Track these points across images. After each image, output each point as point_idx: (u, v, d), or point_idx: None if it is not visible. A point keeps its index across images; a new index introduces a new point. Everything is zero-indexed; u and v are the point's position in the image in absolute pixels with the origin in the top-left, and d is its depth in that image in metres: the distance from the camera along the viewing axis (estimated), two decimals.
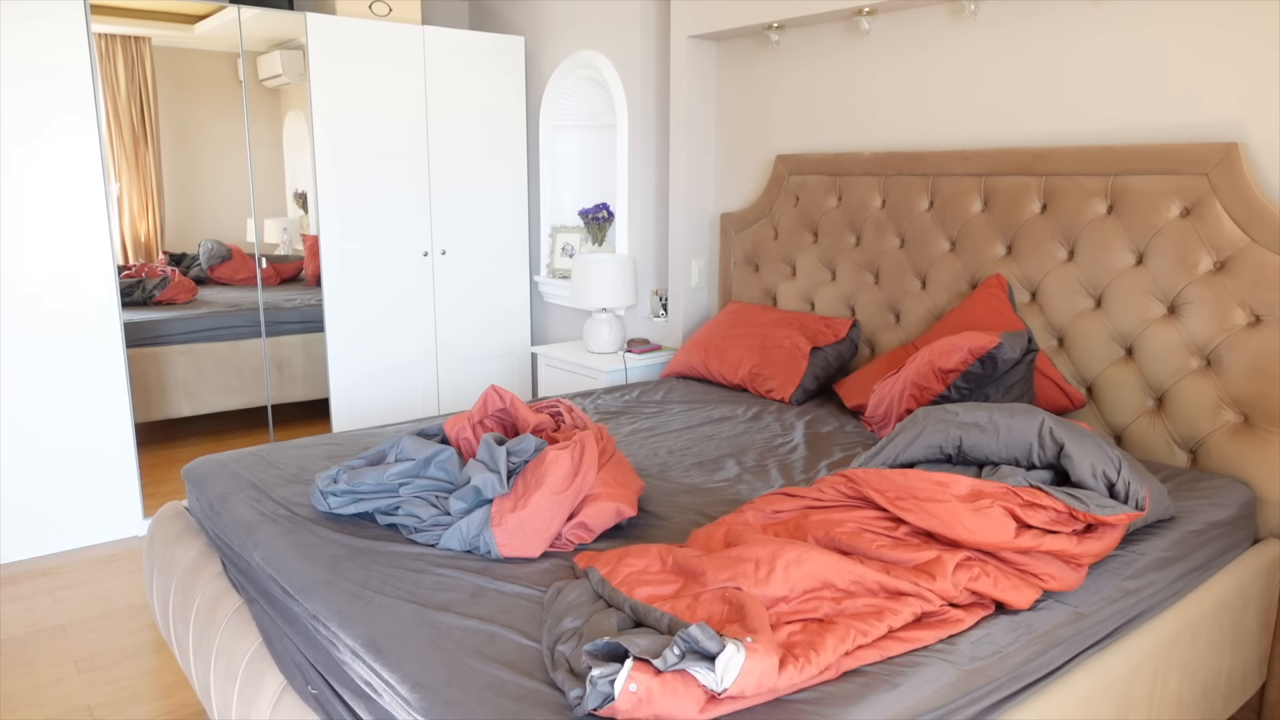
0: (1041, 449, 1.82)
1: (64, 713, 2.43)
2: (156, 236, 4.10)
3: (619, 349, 3.88)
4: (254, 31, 3.82)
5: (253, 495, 2.09)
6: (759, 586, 1.47)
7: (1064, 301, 2.57)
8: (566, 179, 4.64)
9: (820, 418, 2.81)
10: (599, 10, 4.11)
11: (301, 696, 1.65)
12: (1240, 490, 2.16)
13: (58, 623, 2.91)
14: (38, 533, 3.40)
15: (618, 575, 1.58)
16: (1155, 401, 2.41)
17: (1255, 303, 2.19)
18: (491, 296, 4.62)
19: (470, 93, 4.38)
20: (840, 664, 1.35)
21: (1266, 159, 2.20)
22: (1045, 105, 2.62)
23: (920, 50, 2.93)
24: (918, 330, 2.97)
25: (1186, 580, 1.90)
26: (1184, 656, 1.88)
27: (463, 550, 1.80)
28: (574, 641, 1.38)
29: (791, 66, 3.36)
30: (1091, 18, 2.49)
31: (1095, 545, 1.66)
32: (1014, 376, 2.36)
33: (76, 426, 3.41)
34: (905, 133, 3.02)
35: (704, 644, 1.23)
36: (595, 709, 1.23)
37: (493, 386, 2.13)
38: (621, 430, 2.70)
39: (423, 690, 1.33)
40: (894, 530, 1.69)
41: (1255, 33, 2.19)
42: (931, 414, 1.97)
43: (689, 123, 3.64)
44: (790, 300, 3.43)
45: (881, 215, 3.06)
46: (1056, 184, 2.56)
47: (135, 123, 3.97)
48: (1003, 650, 1.47)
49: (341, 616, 1.57)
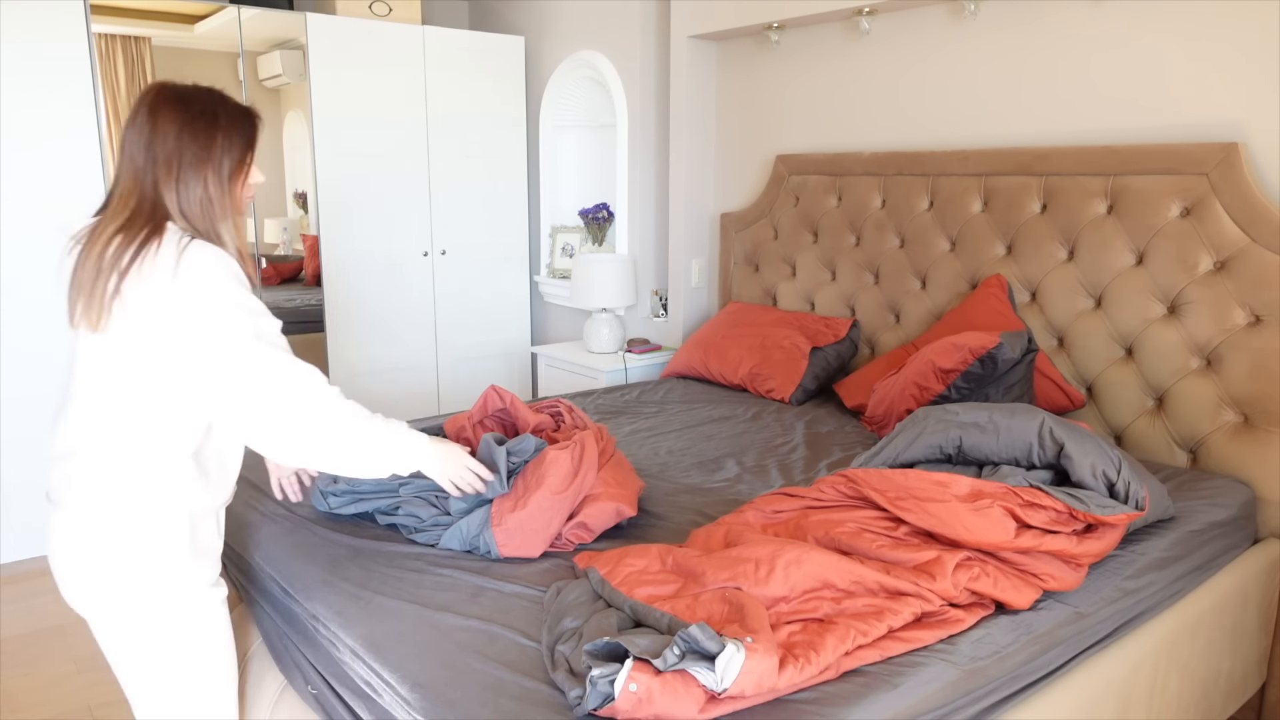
0: (1041, 449, 1.82)
1: (64, 713, 2.43)
2: None
3: (619, 349, 3.88)
4: (254, 31, 3.82)
5: (252, 495, 2.09)
6: (759, 586, 1.47)
7: (1064, 301, 2.57)
8: (566, 179, 4.64)
9: (820, 418, 2.81)
10: (599, 10, 4.11)
11: (301, 696, 1.65)
12: (1240, 490, 2.16)
13: (58, 623, 2.91)
14: (38, 533, 3.40)
15: (618, 575, 1.58)
16: (1155, 401, 2.41)
17: (1255, 303, 2.19)
18: (491, 296, 4.62)
19: (470, 93, 4.38)
20: (840, 664, 1.35)
21: (1266, 159, 2.20)
22: (1045, 105, 2.62)
23: (920, 50, 2.93)
24: (918, 330, 2.97)
25: (1186, 580, 1.90)
26: (1184, 656, 1.88)
27: (463, 550, 1.80)
28: (574, 641, 1.38)
29: (791, 66, 3.35)
30: (1091, 18, 2.49)
31: (1095, 545, 1.66)
32: (1014, 376, 2.36)
33: None
34: (905, 133, 3.02)
35: (704, 644, 1.23)
36: (595, 709, 1.23)
37: (492, 386, 2.13)
38: (621, 430, 2.70)
39: (423, 690, 1.33)
40: (894, 530, 1.69)
41: (1255, 33, 2.19)
42: (931, 414, 1.97)
43: (689, 123, 3.64)
44: (790, 300, 3.43)
45: (881, 215, 3.06)
46: (1056, 184, 2.56)
47: None
48: (1003, 650, 1.47)
49: (341, 616, 1.57)
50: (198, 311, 1.36)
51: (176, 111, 1.44)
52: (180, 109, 1.44)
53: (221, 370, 1.38)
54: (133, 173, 1.44)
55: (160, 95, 1.45)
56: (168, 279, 1.36)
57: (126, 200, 1.42)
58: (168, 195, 1.42)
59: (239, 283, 1.41)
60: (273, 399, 1.40)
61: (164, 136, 1.42)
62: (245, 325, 1.39)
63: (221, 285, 1.39)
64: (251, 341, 1.39)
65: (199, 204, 1.43)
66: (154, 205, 1.42)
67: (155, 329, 1.37)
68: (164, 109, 1.44)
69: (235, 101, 1.53)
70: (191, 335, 1.37)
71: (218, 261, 1.40)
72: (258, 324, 1.41)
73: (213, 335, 1.37)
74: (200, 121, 1.45)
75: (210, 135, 1.45)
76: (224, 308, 1.38)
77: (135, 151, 1.43)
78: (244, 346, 1.38)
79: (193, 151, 1.43)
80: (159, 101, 1.44)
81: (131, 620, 1.45)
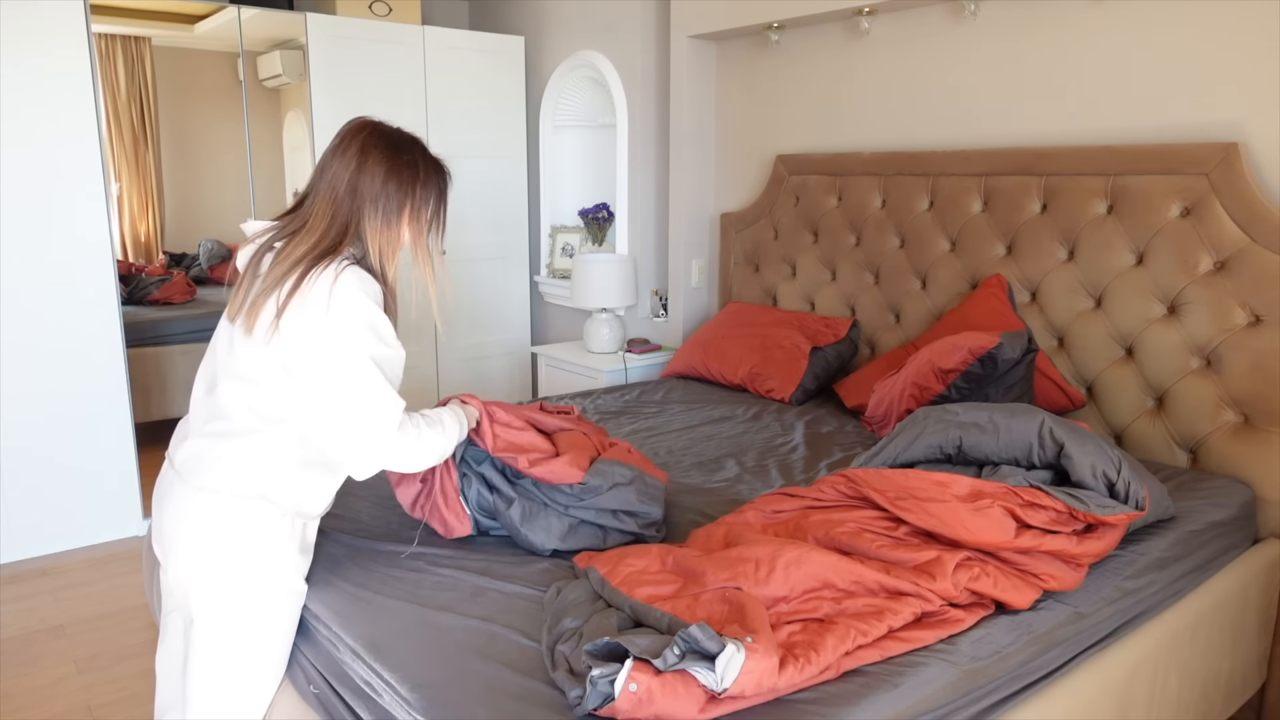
0: (1041, 449, 1.82)
1: (64, 713, 2.43)
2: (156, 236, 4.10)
3: (619, 349, 3.88)
4: (254, 31, 3.82)
5: None
6: (759, 586, 1.47)
7: (1064, 301, 2.57)
8: (566, 179, 4.64)
9: (820, 418, 2.81)
10: (599, 10, 4.11)
11: (302, 696, 1.65)
12: (1240, 490, 2.16)
13: (58, 623, 2.91)
14: (38, 533, 3.40)
15: (618, 575, 1.58)
16: (1155, 401, 2.41)
17: (1255, 303, 2.19)
18: (492, 296, 4.62)
19: (470, 93, 4.38)
20: (840, 664, 1.35)
21: (1266, 159, 2.20)
22: (1045, 105, 2.62)
23: (920, 50, 2.93)
24: (918, 330, 2.97)
25: (1186, 580, 1.90)
26: (1184, 656, 1.88)
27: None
28: (574, 641, 1.38)
29: (791, 66, 3.36)
30: (1091, 18, 2.49)
31: (1095, 545, 1.66)
32: (1014, 376, 2.36)
33: (77, 426, 3.41)
34: (905, 133, 3.02)
35: (704, 644, 1.23)
36: (595, 709, 1.23)
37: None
38: (621, 430, 2.70)
39: (423, 690, 1.33)
40: (894, 530, 1.69)
41: (1255, 32, 2.19)
42: (931, 414, 1.97)
43: (689, 123, 3.64)
44: (790, 300, 3.43)
45: (881, 215, 3.06)
46: (1056, 184, 2.56)
47: (135, 123, 3.97)
48: (1003, 650, 1.47)
49: (341, 617, 1.57)
50: (336, 325, 1.48)
51: (386, 156, 1.57)
52: (390, 154, 1.58)
53: (329, 376, 1.48)
54: (331, 199, 1.56)
55: (373, 135, 1.59)
56: (322, 311, 1.48)
57: (319, 223, 1.55)
58: (370, 230, 1.56)
59: (379, 308, 1.53)
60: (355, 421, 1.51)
61: (371, 177, 1.56)
62: (368, 344, 1.50)
63: (363, 306, 1.50)
64: (367, 361, 1.49)
65: (391, 244, 1.58)
66: (343, 232, 1.55)
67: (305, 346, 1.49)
68: (374, 151, 1.57)
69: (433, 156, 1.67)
70: (322, 342, 1.48)
71: (363, 287, 1.51)
72: (381, 352, 1.52)
73: (336, 344, 1.48)
74: (406, 171, 1.59)
75: (412, 184, 1.60)
76: (357, 325, 1.49)
77: (338, 181, 1.56)
78: (359, 364, 1.49)
79: (397, 198, 1.58)
80: (371, 142, 1.58)
81: (229, 598, 1.53)
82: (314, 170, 1.62)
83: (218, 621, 1.54)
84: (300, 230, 1.55)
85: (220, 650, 1.55)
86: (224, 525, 1.52)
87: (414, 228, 1.62)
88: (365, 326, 1.50)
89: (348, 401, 1.49)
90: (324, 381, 1.48)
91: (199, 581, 1.53)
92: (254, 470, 1.52)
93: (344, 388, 1.49)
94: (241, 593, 1.54)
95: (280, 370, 1.51)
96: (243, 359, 1.53)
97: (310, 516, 1.63)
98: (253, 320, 1.50)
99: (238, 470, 1.51)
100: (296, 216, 1.58)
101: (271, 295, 1.48)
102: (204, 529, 1.52)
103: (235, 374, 1.53)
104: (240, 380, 1.53)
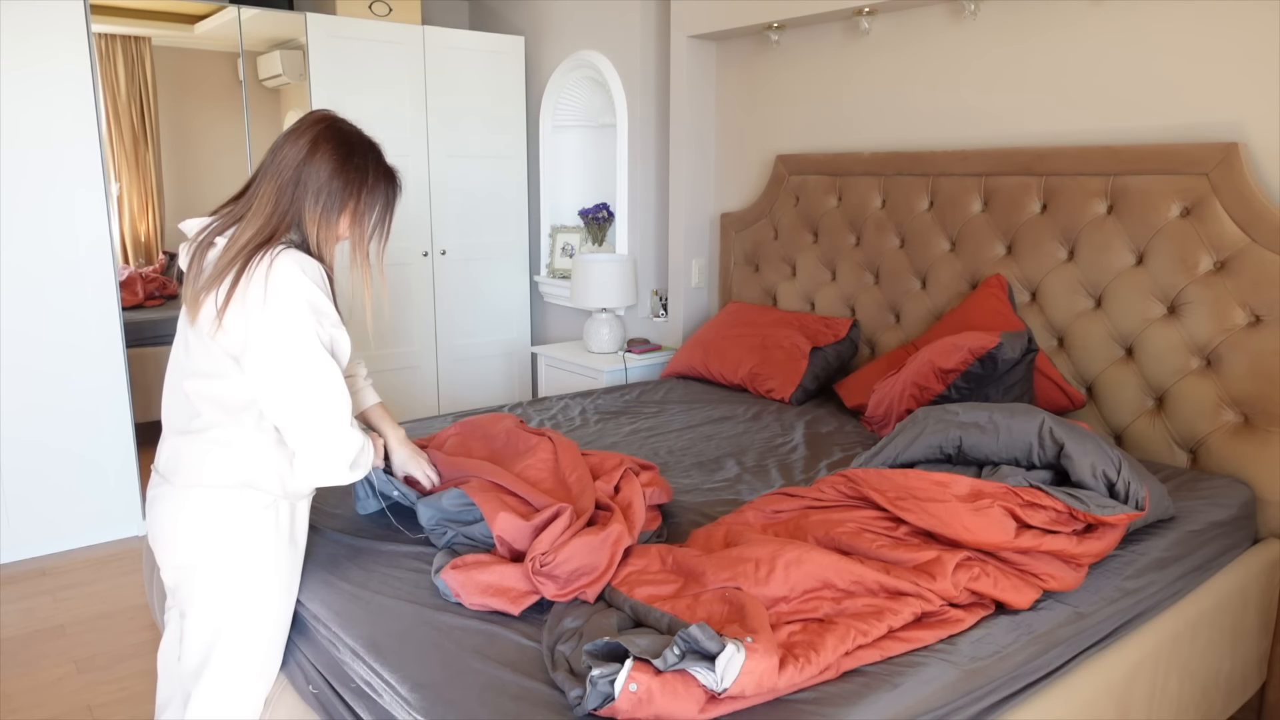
0: (1041, 449, 1.82)
1: (64, 713, 2.43)
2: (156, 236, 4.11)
3: (619, 349, 3.88)
4: (254, 31, 3.82)
5: None
6: (759, 586, 1.47)
7: (1064, 301, 2.57)
8: (566, 179, 4.64)
9: (820, 418, 2.81)
10: (599, 10, 4.11)
11: (302, 696, 1.65)
12: (1240, 490, 2.16)
13: (58, 623, 2.91)
14: (38, 533, 3.40)
15: (618, 575, 1.58)
16: (1155, 401, 2.41)
17: (1255, 303, 2.19)
18: (492, 296, 4.62)
19: (470, 93, 4.38)
20: (840, 664, 1.35)
21: (1266, 159, 2.20)
22: (1045, 105, 2.62)
23: (920, 50, 2.93)
24: (918, 330, 2.97)
25: (1186, 580, 1.90)
26: (1184, 656, 1.88)
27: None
28: (574, 641, 1.38)
29: (791, 66, 3.36)
30: (1091, 18, 2.49)
31: (1095, 545, 1.66)
32: (1014, 376, 2.36)
33: (77, 426, 3.41)
34: (905, 133, 3.02)
35: (704, 644, 1.23)
36: (595, 709, 1.23)
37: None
38: (622, 430, 2.70)
39: (423, 690, 1.34)
40: (894, 530, 1.69)
41: (1255, 33, 2.19)
42: (931, 414, 1.97)
43: (689, 123, 3.64)
44: (790, 300, 3.43)
45: (881, 215, 3.06)
46: (1056, 184, 2.56)
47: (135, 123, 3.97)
48: (1003, 650, 1.47)
49: (341, 617, 1.57)
50: (276, 312, 1.46)
51: (338, 153, 1.56)
52: (342, 152, 1.57)
53: (278, 364, 1.46)
54: (276, 184, 1.55)
55: (329, 129, 1.58)
56: (260, 300, 1.46)
57: (263, 207, 1.54)
58: (309, 221, 1.55)
59: (321, 290, 1.51)
60: (308, 410, 1.49)
61: (317, 170, 1.55)
62: (311, 325, 1.48)
63: (300, 286, 1.48)
64: (315, 344, 1.49)
65: (328, 239, 1.57)
66: (284, 219, 1.54)
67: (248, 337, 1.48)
68: (325, 145, 1.56)
69: (387, 164, 1.66)
70: (265, 331, 1.46)
71: (301, 266, 1.49)
72: (330, 333, 1.53)
73: (280, 331, 1.46)
74: (355, 173, 1.58)
75: (359, 187, 1.59)
76: (299, 306, 1.47)
77: (285, 166, 1.55)
78: (307, 349, 1.48)
79: (340, 197, 1.56)
80: (325, 135, 1.57)
81: (221, 589, 1.54)
82: (267, 151, 1.60)
83: (209, 612, 1.55)
84: (244, 217, 1.54)
85: (213, 641, 1.56)
86: (213, 517, 1.53)
87: (355, 231, 1.61)
88: (306, 307, 1.48)
89: (299, 389, 1.47)
90: (273, 371, 1.47)
91: (191, 574, 1.54)
92: (233, 459, 1.52)
93: (295, 374, 1.47)
94: (232, 582, 1.54)
95: (231, 363, 1.51)
96: (198, 355, 1.53)
97: (299, 497, 1.62)
98: (195, 313, 1.49)
99: (217, 462, 1.52)
100: (242, 201, 1.58)
101: (213, 289, 1.48)
102: (193, 523, 1.53)
103: (194, 371, 1.54)
104: (200, 376, 1.53)
